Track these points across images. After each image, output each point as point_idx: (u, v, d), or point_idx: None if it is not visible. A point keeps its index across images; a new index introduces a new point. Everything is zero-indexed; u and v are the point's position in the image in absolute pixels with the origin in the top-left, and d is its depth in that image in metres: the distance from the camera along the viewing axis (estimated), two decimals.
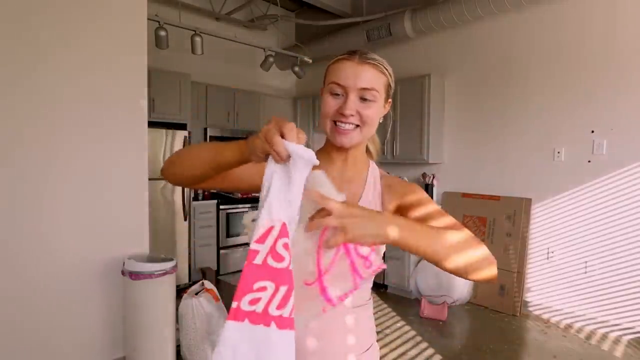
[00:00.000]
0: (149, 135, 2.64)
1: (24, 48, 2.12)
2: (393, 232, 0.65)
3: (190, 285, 2.59)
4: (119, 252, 2.43)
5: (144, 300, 2.26)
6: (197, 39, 3.71)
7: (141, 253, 2.51)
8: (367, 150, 0.97)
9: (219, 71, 4.80)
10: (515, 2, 3.31)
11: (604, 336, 2.98)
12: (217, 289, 2.51)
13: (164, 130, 3.83)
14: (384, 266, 0.69)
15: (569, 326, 3.16)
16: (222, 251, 4.38)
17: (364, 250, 0.67)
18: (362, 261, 0.67)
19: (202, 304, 2.30)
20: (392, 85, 0.88)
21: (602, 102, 3.06)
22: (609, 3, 3.02)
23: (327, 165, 0.88)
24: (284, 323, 0.59)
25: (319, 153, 0.90)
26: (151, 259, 2.40)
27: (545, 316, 3.34)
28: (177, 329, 2.41)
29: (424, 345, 2.80)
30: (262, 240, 0.59)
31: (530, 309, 3.43)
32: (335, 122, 0.82)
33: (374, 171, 0.94)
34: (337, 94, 0.81)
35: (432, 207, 0.84)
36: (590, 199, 3.11)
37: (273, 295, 0.59)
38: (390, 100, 0.89)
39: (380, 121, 0.89)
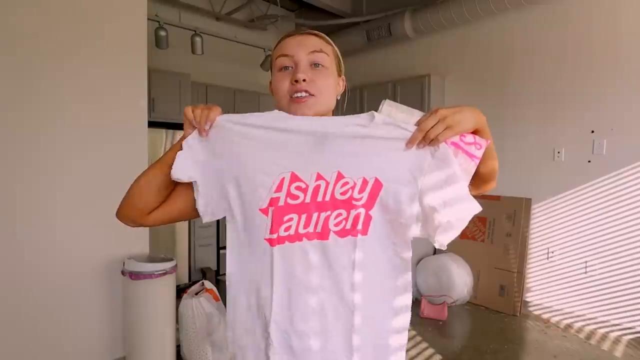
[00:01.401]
0: (149, 135, 2.64)
1: (23, 49, 2.12)
2: (481, 115, 0.78)
3: (190, 285, 2.59)
4: (119, 252, 2.43)
5: (144, 300, 2.26)
6: (197, 39, 3.72)
7: (141, 253, 2.51)
8: None
9: (219, 71, 4.80)
10: (515, 2, 3.31)
11: (604, 336, 2.98)
12: (217, 289, 2.51)
13: (164, 130, 3.83)
14: (489, 141, 0.78)
15: (569, 326, 3.16)
16: (222, 251, 4.38)
17: (469, 137, 0.76)
18: (472, 146, 0.76)
19: (202, 304, 2.30)
20: (341, 59, 0.87)
21: (602, 102, 3.06)
22: (609, 3, 3.02)
23: None
24: (311, 236, 0.76)
25: None
26: (151, 259, 2.40)
27: (545, 316, 3.34)
28: (177, 329, 2.41)
29: (424, 345, 2.80)
30: (279, 189, 0.76)
31: (530, 309, 3.43)
32: (291, 96, 0.79)
33: None
34: (287, 67, 0.79)
35: None
36: (590, 199, 3.11)
37: (298, 222, 0.76)
38: (343, 77, 0.87)
39: (338, 98, 0.87)
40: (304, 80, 0.77)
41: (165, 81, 3.91)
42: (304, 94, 0.78)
